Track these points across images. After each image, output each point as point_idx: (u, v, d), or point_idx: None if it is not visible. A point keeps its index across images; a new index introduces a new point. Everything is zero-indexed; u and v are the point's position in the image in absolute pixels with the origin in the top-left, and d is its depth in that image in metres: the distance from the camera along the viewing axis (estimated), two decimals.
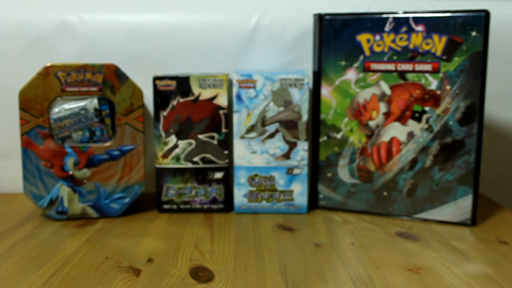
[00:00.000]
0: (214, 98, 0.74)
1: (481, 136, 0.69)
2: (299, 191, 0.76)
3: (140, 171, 0.74)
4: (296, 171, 0.76)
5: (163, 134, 0.75)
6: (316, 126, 0.77)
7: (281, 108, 0.74)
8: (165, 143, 0.75)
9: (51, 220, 0.73)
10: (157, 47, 0.85)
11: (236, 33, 0.86)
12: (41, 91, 0.71)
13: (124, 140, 0.73)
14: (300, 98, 0.74)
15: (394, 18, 0.70)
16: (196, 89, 0.74)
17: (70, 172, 0.73)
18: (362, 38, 0.72)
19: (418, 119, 0.71)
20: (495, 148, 0.90)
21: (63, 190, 0.73)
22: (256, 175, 0.76)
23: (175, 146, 0.75)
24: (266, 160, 0.76)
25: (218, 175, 0.76)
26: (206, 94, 0.74)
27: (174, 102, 0.74)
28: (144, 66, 0.84)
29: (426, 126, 0.71)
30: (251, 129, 0.75)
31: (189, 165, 0.76)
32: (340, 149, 0.76)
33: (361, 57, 0.73)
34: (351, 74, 0.74)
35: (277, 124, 0.75)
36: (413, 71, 0.70)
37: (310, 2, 0.85)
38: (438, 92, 0.70)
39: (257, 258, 0.60)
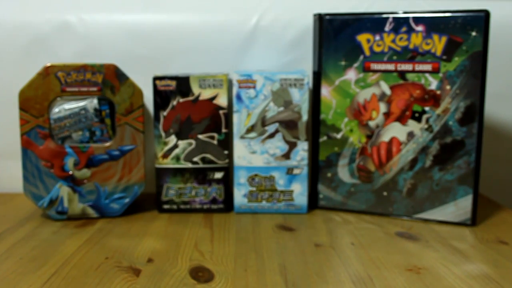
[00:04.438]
0: (214, 98, 0.74)
1: (481, 136, 0.69)
2: (299, 191, 0.76)
3: (140, 171, 0.74)
4: (296, 171, 0.76)
5: (163, 134, 0.75)
6: (316, 126, 0.77)
7: (281, 108, 0.74)
8: (165, 143, 0.75)
9: (51, 220, 0.73)
10: (157, 47, 0.85)
11: (236, 33, 0.86)
12: (41, 91, 0.71)
13: (124, 140, 0.73)
14: (300, 98, 0.74)
15: (394, 18, 0.70)
16: (196, 89, 0.74)
17: (70, 172, 0.73)
18: (362, 38, 0.72)
19: (418, 119, 0.71)
20: (495, 148, 0.90)
21: (63, 190, 0.73)
22: (256, 175, 0.76)
23: (175, 146, 0.75)
24: (266, 160, 0.75)
25: (218, 175, 0.76)
26: (206, 94, 0.74)
27: (174, 102, 0.74)
28: (144, 66, 0.84)
29: (426, 126, 0.71)
30: (251, 129, 0.75)
31: (189, 165, 0.76)
32: (340, 149, 0.76)
33: (361, 57, 0.73)
34: (351, 74, 0.74)
35: (277, 124, 0.75)
36: (413, 71, 0.70)
37: (310, 2, 0.85)
38: (438, 92, 0.70)
39: (257, 258, 0.60)
